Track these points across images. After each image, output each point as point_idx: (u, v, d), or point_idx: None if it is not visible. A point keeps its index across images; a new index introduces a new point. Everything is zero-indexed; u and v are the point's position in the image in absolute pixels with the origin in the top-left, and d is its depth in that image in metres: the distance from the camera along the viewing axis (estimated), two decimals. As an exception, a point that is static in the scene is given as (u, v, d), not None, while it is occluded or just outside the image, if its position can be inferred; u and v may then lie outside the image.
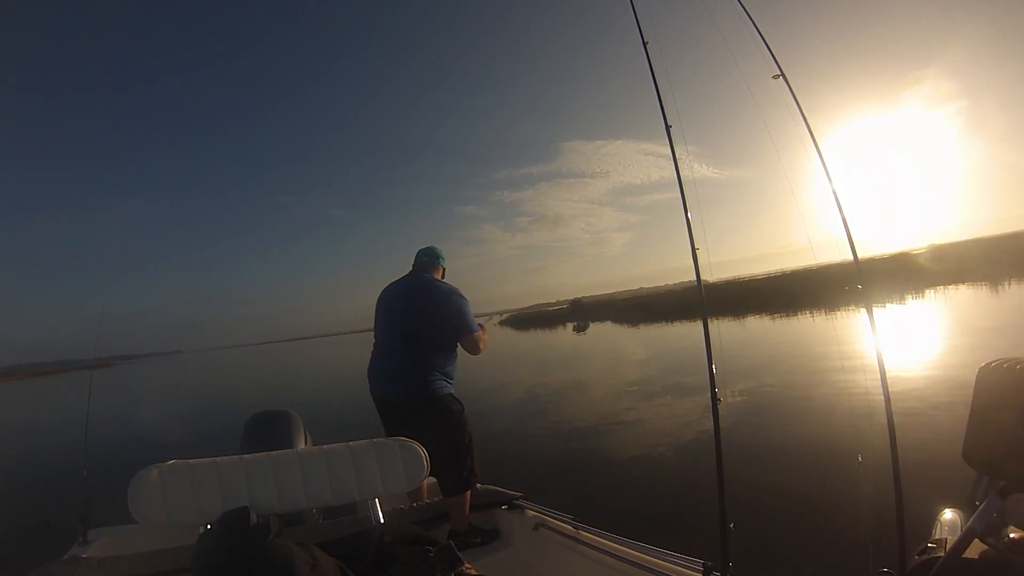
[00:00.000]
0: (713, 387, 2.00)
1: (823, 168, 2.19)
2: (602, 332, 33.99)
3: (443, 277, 3.49)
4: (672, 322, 29.84)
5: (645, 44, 2.48)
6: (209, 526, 1.60)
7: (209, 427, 12.15)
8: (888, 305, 20.65)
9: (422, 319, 3.20)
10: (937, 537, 1.00)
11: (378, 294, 3.45)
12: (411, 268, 3.44)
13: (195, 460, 1.70)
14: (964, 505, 0.99)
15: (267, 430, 3.16)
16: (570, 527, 2.72)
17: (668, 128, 2.32)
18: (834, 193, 2.16)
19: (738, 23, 2.40)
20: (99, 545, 2.79)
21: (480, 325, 3.37)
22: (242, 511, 1.57)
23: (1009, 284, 21.69)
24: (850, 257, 2.12)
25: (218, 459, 1.73)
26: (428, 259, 3.43)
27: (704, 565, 2.07)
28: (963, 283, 25.25)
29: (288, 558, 1.43)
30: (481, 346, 3.36)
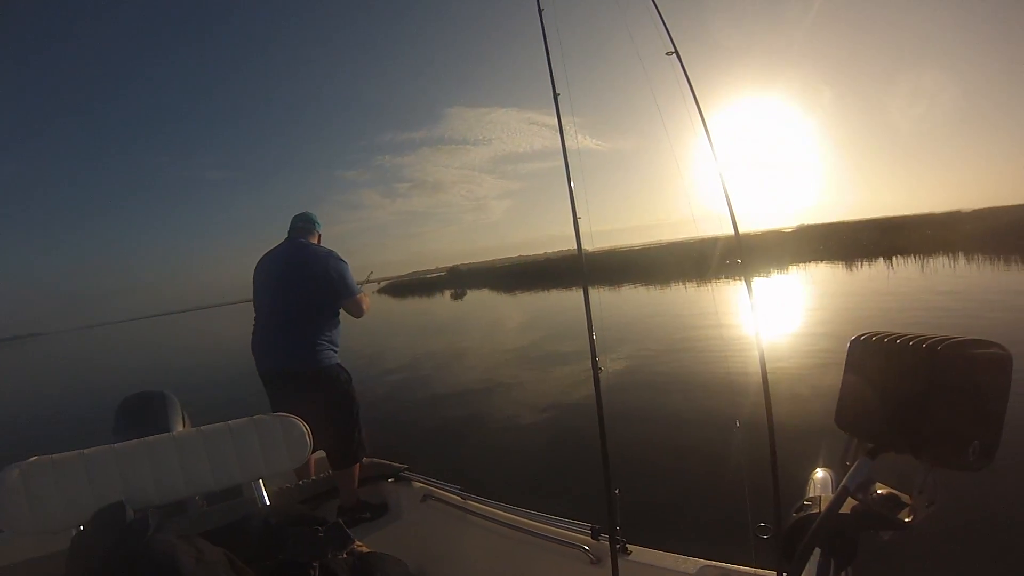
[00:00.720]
0: (594, 356, 2.05)
1: (709, 145, 2.27)
2: (480, 299, 34.42)
3: (319, 242, 3.41)
4: (549, 289, 30.69)
5: (540, 11, 2.47)
6: (82, 527, 1.45)
7: (76, 416, 11.12)
8: (759, 278, 22.28)
9: (303, 286, 3.12)
10: (811, 495, 1.08)
11: (256, 262, 3.32)
12: (287, 235, 3.35)
13: (60, 455, 1.53)
14: (835, 466, 1.07)
15: (140, 414, 2.93)
16: (458, 497, 2.74)
17: (556, 96, 2.34)
18: (719, 174, 2.25)
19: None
20: None
21: (360, 288, 3.35)
22: (117, 506, 1.43)
23: (861, 264, 24.02)
24: (730, 231, 2.22)
25: (85, 451, 1.57)
26: (303, 224, 3.37)
27: (592, 528, 2.14)
28: (824, 261, 27.57)
29: (170, 553, 1.32)
30: (364, 307, 3.34)
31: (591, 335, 2.06)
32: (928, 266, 19.88)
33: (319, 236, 3.43)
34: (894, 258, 23.97)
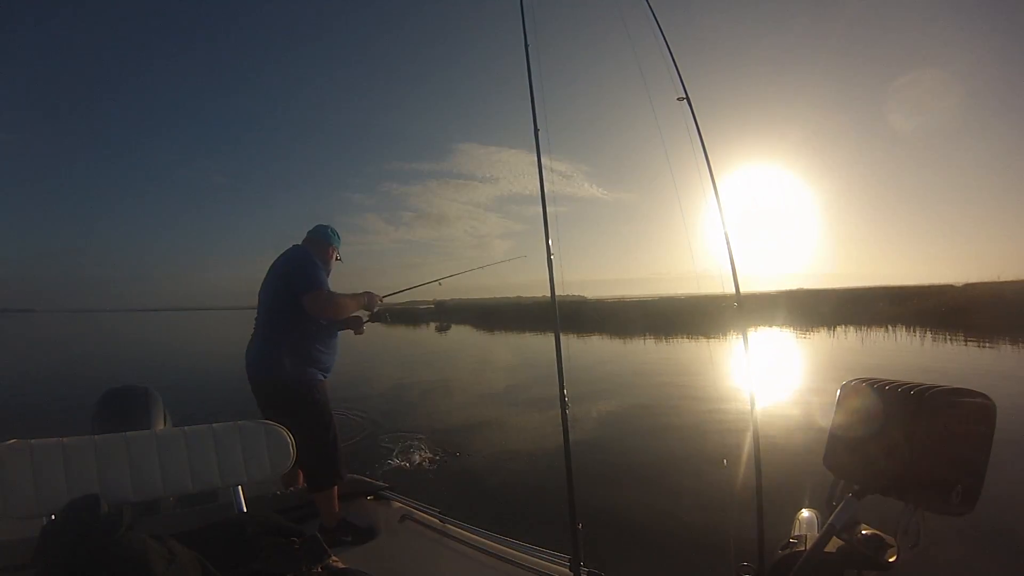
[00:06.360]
0: (562, 388, 2.07)
1: (715, 195, 2.29)
2: (463, 334, 34.23)
3: (331, 257, 3.23)
4: (523, 331, 30.82)
5: (527, 45, 2.53)
6: (53, 516, 1.43)
7: (57, 400, 10.63)
8: (751, 331, 22.33)
9: (270, 289, 2.95)
10: (796, 534, 1.10)
11: (259, 270, 3.30)
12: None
13: (38, 440, 1.52)
14: (821, 506, 1.10)
15: (123, 408, 2.88)
16: (436, 520, 2.71)
17: (536, 132, 2.37)
18: (725, 234, 2.26)
19: (650, 40, 2.49)
20: None
21: (324, 284, 2.98)
22: (91, 499, 1.41)
23: (840, 329, 24.19)
24: (729, 288, 2.25)
25: (65, 439, 1.56)
26: (311, 235, 3.20)
27: (571, 561, 2.14)
28: (811, 325, 27.53)
29: (142, 552, 1.30)
30: (329, 307, 2.91)
31: (560, 363, 2.09)
32: (934, 338, 19.96)
33: (332, 250, 3.21)
34: (892, 327, 24.13)
